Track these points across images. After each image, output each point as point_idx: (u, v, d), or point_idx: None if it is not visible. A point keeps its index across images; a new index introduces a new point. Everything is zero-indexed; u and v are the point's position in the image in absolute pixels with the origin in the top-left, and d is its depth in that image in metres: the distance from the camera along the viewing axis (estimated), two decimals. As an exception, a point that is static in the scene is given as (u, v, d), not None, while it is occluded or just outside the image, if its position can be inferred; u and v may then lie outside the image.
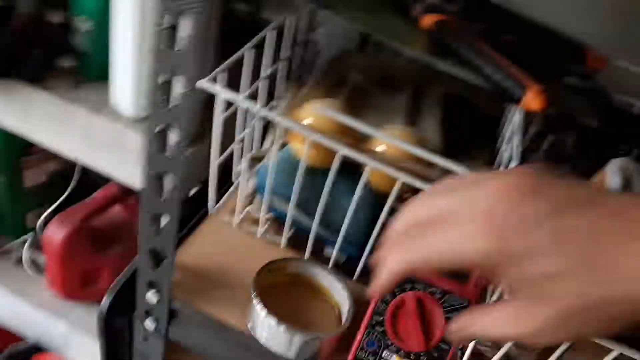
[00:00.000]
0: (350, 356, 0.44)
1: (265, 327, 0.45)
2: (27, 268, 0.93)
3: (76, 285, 0.88)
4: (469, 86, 0.85)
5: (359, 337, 0.45)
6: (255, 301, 0.45)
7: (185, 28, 0.32)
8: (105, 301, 0.53)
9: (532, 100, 0.54)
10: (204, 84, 0.42)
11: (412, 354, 0.43)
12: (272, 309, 0.45)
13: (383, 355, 0.44)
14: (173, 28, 0.32)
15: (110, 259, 0.88)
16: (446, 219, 0.29)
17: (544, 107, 0.54)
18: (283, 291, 0.50)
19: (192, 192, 0.66)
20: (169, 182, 0.39)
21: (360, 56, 0.76)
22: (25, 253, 0.92)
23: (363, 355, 0.44)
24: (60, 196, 0.94)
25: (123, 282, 0.52)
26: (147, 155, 0.37)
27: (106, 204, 0.88)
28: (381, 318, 0.44)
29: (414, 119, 0.64)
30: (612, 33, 0.92)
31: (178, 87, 0.35)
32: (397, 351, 0.44)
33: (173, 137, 0.37)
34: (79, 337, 0.90)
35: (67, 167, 0.99)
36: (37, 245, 0.93)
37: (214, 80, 0.44)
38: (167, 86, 0.35)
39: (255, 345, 0.46)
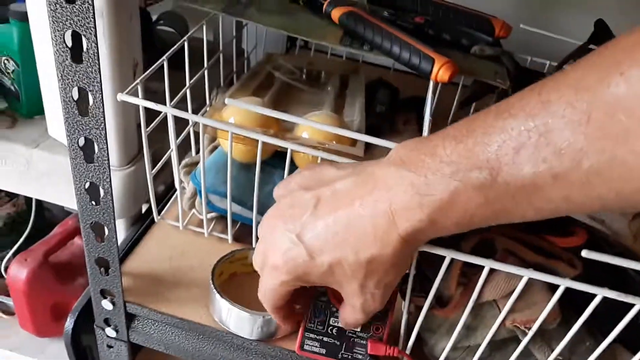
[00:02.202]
0: (302, 329, 0.47)
1: (227, 314, 0.48)
2: (-2, 313, 0.93)
3: (48, 321, 0.90)
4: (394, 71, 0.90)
5: (307, 309, 0.48)
6: (214, 291, 0.48)
7: (86, 44, 0.35)
8: (70, 321, 0.55)
9: (441, 71, 0.58)
10: (123, 96, 0.45)
11: (356, 316, 0.46)
12: (233, 296, 0.48)
13: (330, 322, 0.47)
14: (75, 45, 0.35)
15: (78, 290, 0.90)
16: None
17: (452, 76, 0.58)
18: (243, 279, 0.53)
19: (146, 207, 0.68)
20: (101, 192, 0.42)
21: (287, 57, 0.79)
22: (-7, 298, 0.93)
23: (313, 326, 0.47)
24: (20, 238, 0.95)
25: (85, 301, 0.54)
26: (73, 167, 0.40)
27: (66, 238, 0.90)
28: (324, 288, 0.47)
29: (340, 108, 0.68)
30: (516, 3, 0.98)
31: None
32: (343, 316, 0.47)
33: (96, 148, 0.39)
34: (58, 372, 0.91)
35: (23, 209, 1.00)
36: (3, 290, 0.94)
37: (136, 93, 0.47)
38: (83, 100, 0.38)
39: (218, 333, 0.49)
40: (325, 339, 0.47)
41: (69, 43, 0.36)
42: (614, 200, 0.27)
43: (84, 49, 0.36)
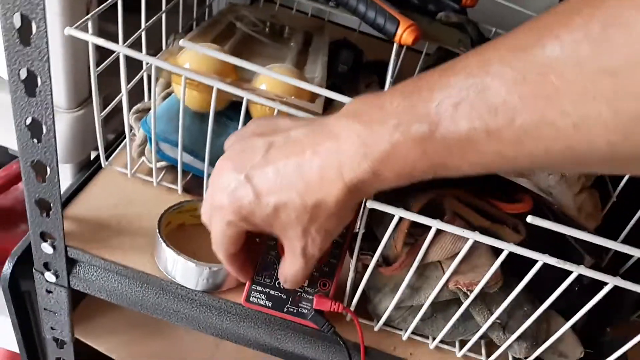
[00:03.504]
0: (249, 281, 0.47)
1: (172, 264, 0.47)
2: None
3: (-13, 267, 0.86)
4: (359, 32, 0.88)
5: (256, 263, 0.47)
6: (160, 240, 0.47)
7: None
8: (8, 265, 0.53)
9: (405, 34, 0.57)
10: (72, 30, 0.43)
11: (304, 272, 0.46)
12: (180, 247, 0.47)
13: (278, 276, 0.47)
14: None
15: (20, 237, 0.87)
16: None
17: (416, 40, 0.58)
18: (191, 231, 0.52)
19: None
20: (44, 129, 0.40)
21: (250, 8, 0.77)
22: None
23: (261, 279, 0.47)
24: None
25: (26, 246, 0.52)
26: (13, 101, 0.38)
27: (10, 182, 0.86)
28: (274, 242, 0.47)
29: (302, 65, 0.66)
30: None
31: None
32: (291, 271, 0.47)
33: (39, 81, 0.37)
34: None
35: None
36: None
37: (85, 28, 0.45)
38: (26, 28, 0.36)
39: (162, 282, 0.48)
40: (272, 292, 0.47)
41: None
42: (543, 158, 0.28)
43: (28, -29, 0.33)
